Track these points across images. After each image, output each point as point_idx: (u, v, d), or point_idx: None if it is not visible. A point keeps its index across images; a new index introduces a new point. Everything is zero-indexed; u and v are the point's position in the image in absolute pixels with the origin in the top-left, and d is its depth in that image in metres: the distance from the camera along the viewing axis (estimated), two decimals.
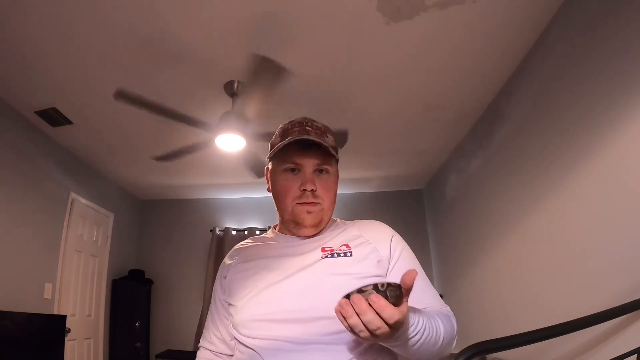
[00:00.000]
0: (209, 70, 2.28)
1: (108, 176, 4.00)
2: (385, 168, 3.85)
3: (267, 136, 2.53)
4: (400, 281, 0.57)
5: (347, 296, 0.56)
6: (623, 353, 1.19)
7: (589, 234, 1.65)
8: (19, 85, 2.44)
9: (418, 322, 0.63)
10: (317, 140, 0.79)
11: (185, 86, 2.43)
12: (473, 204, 2.96)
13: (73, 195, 3.37)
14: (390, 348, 0.67)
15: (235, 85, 2.38)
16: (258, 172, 2.97)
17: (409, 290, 0.57)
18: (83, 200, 3.52)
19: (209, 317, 0.95)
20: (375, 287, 0.55)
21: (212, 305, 0.95)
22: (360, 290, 0.56)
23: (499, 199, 2.53)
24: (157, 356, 3.94)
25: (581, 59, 1.72)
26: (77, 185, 3.46)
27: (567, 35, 1.81)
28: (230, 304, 0.84)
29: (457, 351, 0.92)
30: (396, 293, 0.55)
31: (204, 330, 0.96)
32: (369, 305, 0.54)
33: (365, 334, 0.55)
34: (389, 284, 0.56)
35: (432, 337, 0.66)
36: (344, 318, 0.56)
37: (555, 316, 1.49)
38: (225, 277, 0.89)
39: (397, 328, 0.56)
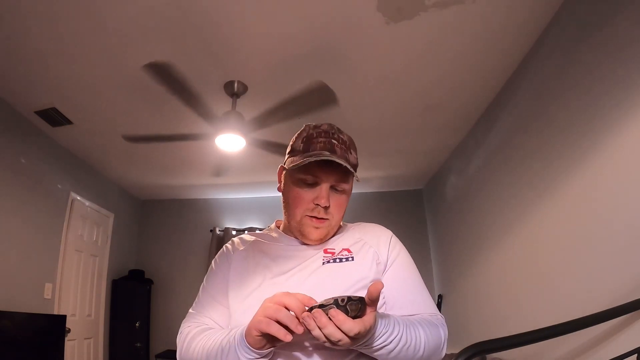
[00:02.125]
0: (209, 69, 2.28)
1: (108, 176, 4.00)
2: (385, 168, 3.85)
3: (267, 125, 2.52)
4: (367, 292, 0.59)
5: (311, 309, 0.60)
6: (623, 353, 1.19)
7: (588, 234, 1.65)
8: (19, 85, 2.44)
9: (393, 330, 0.65)
10: (341, 162, 0.76)
11: (184, 85, 2.43)
12: (473, 204, 2.96)
13: (73, 195, 3.37)
14: (369, 354, 0.68)
15: (235, 85, 2.39)
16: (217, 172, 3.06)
17: (374, 301, 0.59)
18: (83, 200, 3.52)
19: (204, 300, 0.87)
20: (335, 301, 0.58)
21: (209, 289, 0.88)
22: (321, 305, 0.59)
23: (498, 198, 2.53)
24: (157, 356, 3.95)
25: (580, 59, 1.72)
26: (77, 185, 3.46)
27: (566, 35, 1.81)
28: (229, 299, 0.82)
29: (457, 351, 0.92)
30: (357, 306, 0.58)
31: (196, 309, 0.87)
32: (329, 319, 0.57)
33: (329, 344, 0.59)
34: (349, 298, 0.58)
35: (410, 345, 0.68)
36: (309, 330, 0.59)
37: (556, 316, 1.49)
38: (230, 265, 0.87)
39: (359, 339, 0.59)
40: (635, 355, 1.18)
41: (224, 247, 0.94)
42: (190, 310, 0.89)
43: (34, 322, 2.57)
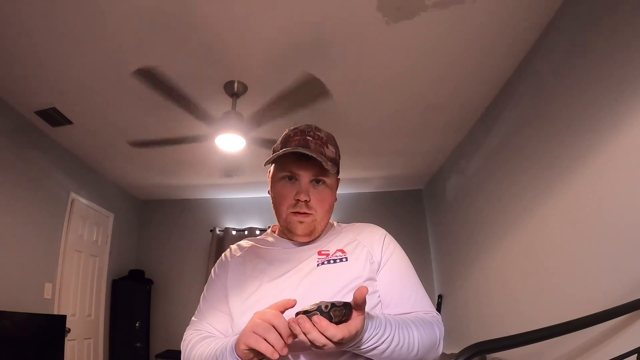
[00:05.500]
0: (209, 70, 2.28)
1: (108, 176, 4.00)
2: (385, 168, 3.85)
3: (266, 139, 2.53)
4: (352, 297, 0.60)
5: (296, 315, 0.62)
6: (623, 353, 1.19)
7: (588, 233, 1.65)
8: (19, 85, 2.44)
9: (384, 332, 0.67)
10: (312, 155, 0.79)
11: (185, 86, 2.43)
12: (473, 204, 2.96)
13: (73, 195, 3.37)
14: (362, 355, 0.70)
15: (235, 85, 2.39)
16: (227, 172, 3.06)
17: (360, 305, 0.60)
18: (83, 200, 3.51)
19: (204, 309, 0.91)
20: (319, 308, 0.60)
21: (208, 297, 0.91)
22: (305, 312, 0.61)
23: (498, 198, 2.53)
24: (157, 356, 3.95)
25: (580, 59, 1.72)
26: (77, 185, 3.46)
27: (566, 35, 1.82)
28: (229, 303, 0.85)
29: (457, 351, 0.92)
30: (341, 312, 0.60)
31: (197, 317, 0.91)
32: (312, 325, 0.59)
33: (315, 348, 0.61)
34: (332, 304, 0.60)
35: (403, 345, 0.69)
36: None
37: (556, 316, 1.49)
38: (227, 272, 0.90)
39: (344, 343, 0.61)
40: (635, 355, 1.18)
41: (222, 255, 0.97)
42: (192, 318, 0.93)
43: (34, 322, 2.57)
